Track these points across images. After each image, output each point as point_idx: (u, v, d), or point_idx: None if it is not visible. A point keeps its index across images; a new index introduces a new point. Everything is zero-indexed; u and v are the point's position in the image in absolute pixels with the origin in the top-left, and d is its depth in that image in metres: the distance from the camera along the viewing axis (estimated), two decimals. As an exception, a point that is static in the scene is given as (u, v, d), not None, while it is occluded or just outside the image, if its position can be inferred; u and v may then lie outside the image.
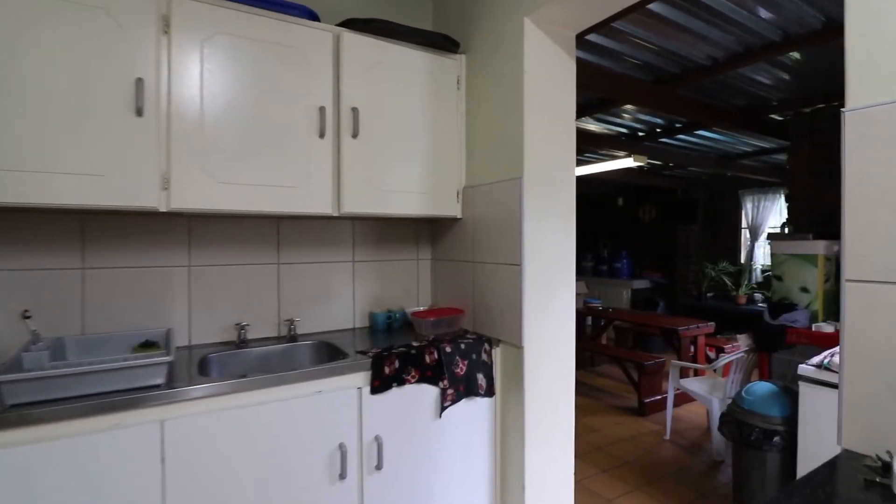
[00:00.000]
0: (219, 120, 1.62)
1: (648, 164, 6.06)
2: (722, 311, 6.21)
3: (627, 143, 4.48)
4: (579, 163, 5.08)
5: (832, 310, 3.28)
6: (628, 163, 4.58)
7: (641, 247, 7.87)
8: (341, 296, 2.21)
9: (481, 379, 1.88)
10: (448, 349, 1.81)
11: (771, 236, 3.44)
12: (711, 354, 5.22)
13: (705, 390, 3.65)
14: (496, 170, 1.96)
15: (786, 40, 2.51)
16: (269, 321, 2.03)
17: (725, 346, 5.22)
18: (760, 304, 5.90)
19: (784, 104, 3.50)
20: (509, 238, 1.86)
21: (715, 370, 3.83)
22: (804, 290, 3.22)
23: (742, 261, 6.47)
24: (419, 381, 1.74)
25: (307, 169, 1.77)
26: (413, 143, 2.02)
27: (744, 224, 6.49)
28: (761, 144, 4.84)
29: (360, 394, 1.63)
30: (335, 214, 1.85)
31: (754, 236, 6.23)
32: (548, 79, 1.87)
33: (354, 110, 1.86)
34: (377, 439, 1.65)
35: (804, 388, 2.41)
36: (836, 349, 2.40)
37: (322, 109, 1.80)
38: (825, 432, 2.31)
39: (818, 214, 3.50)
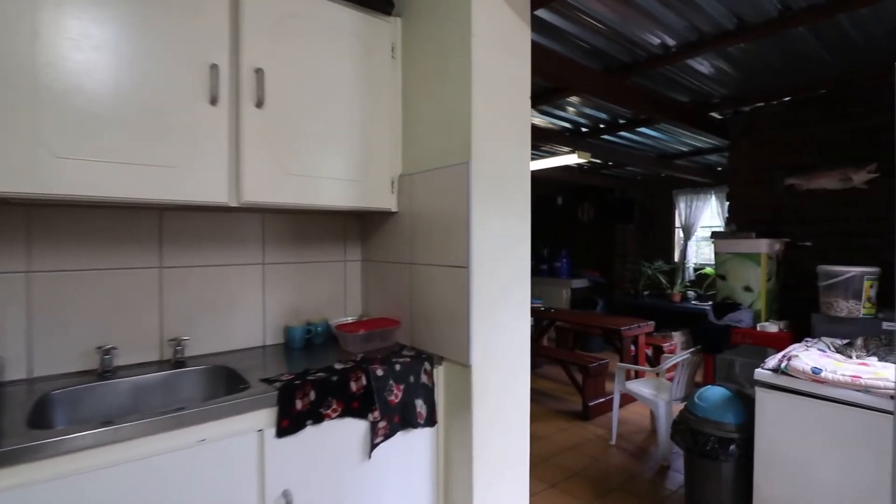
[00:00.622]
0: (66, 74, 1.17)
1: (589, 162, 6.01)
2: (658, 309, 6.29)
3: (571, 139, 4.34)
4: None
5: (774, 308, 3.26)
6: (572, 159, 4.43)
7: (580, 246, 7.89)
8: (247, 307, 1.79)
9: (420, 406, 1.55)
10: (380, 372, 1.46)
11: (715, 235, 3.37)
12: (648, 352, 5.23)
13: (651, 393, 3.54)
14: (439, 154, 1.63)
15: (739, 28, 2.40)
16: (148, 342, 1.58)
17: (664, 345, 5.26)
18: (694, 302, 6.03)
19: (725, 102, 3.46)
20: (454, 235, 1.54)
21: (658, 374, 3.74)
22: (747, 289, 3.17)
23: (676, 259, 6.60)
24: (343, 414, 1.38)
25: (192, 144, 1.35)
26: (337, 118, 1.65)
27: (677, 223, 6.63)
28: (697, 144, 4.89)
29: (261, 438, 1.24)
30: (233, 204, 1.44)
31: (687, 235, 6.37)
32: (499, 47, 1.57)
33: (259, 72, 1.46)
34: (286, 496, 1.27)
35: (761, 394, 2.30)
36: (792, 351, 2.32)
37: (214, 68, 1.39)
38: (782, 439, 2.21)
39: (758, 213, 3.49)
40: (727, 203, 3.74)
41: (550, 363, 5.48)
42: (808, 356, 2.18)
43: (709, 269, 6.07)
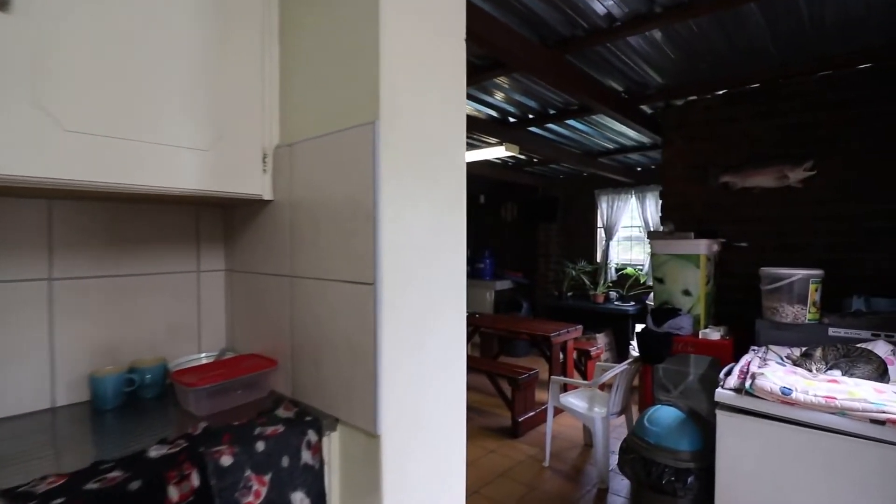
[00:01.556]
0: None
1: (514, 158, 5.70)
2: (582, 311, 6.15)
3: (498, 129, 3.96)
4: None
5: (712, 313, 3.07)
6: (500, 152, 4.04)
7: (504, 246, 7.63)
8: (22, 347, 1.11)
9: (301, 499, 0.99)
10: (226, 460, 0.88)
11: (651, 235, 3.12)
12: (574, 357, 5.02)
13: (586, 407, 3.23)
14: (333, 112, 1.08)
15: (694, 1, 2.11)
16: None
17: (590, 349, 5.08)
18: (617, 303, 5.95)
19: (660, 93, 3.25)
20: (355, 235, 1.01)
21: (591, 386, 3.45)
22: (686, 293, 2.94)
23: (598, 260, 6.52)
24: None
25: None
26: (164, 44, 1.04)
27: (599, 223, 6.56)
28: (622, 141, 4.74)
29: None
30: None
31: (609, 235, 6.31)
32: (421, -47, 1.06)
33: (-5, -57, 0.82)
34: None
35: (722, 418, 2.01)
36: (750, 365, 2.06)
37: None
38: (747, 468, 1.92)
39: (692, 211, 3.30)
40: (660, 201, 3.54)
41: (475, 372, 5.08)
42: (774, 374, 1.91)
43: (630, 269, 6.02)
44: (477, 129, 3.74)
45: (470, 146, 4.52)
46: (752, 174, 3.01)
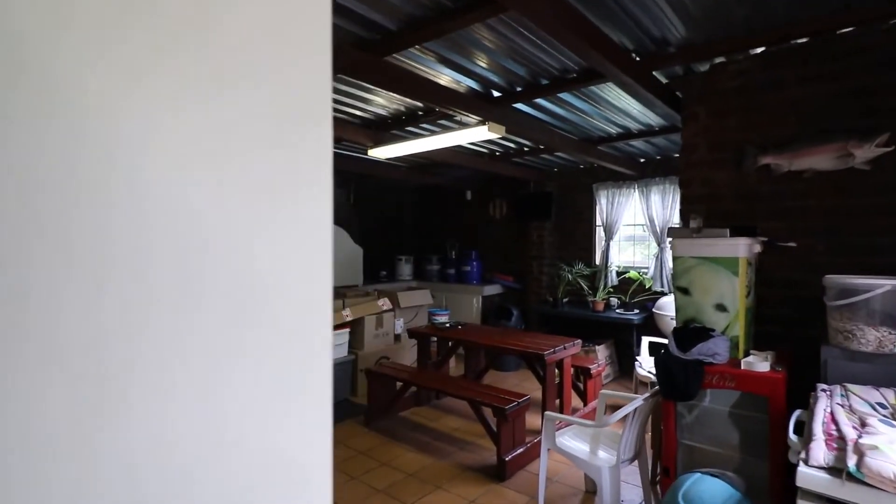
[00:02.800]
0: None
1: (501, 148, 5.01)
2: (580, 320, 5.47)
3: (481, 105, 3.27)
4: (418, 133, 3.72)
5: (751, 334, 2.39)
6: (482, 133, 3.35)
7: (492, 247, 6.94)
8: None
9: None
10: None
11: (674, 232, 2.43)
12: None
13: (588, 452, 2.54)
14: None
15: None
16: None
17: (590, 367, 4.40)
18: (619, 311, 5.27)
19: (681, 52, 2.57)
20: None
21: (608, 426, 2.76)
22: (720, 307, 2.26)
23: (597, 262, 5.85)
24: None
25: None
26: None
27: (598, 221, 5.89)
28: (625, 124, 4.07)
29: None
30: None
31: (609, 235, 5.64)
32: None
33: None
34: None
35: (808, 513, 1.33)
36: (830, 417, 1.39)
37: None
38: None
39: (719, 203, 2.62)
40: (679, 192, 2.85)
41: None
42: (893, 447, 1.22)
43: (633, 273, 5.35)
44: (455, 104, 3.04)
45: (446, 128, 3.82)
46: (804, 153, 2.34)
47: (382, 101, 3.53)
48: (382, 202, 7.49)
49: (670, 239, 2.48)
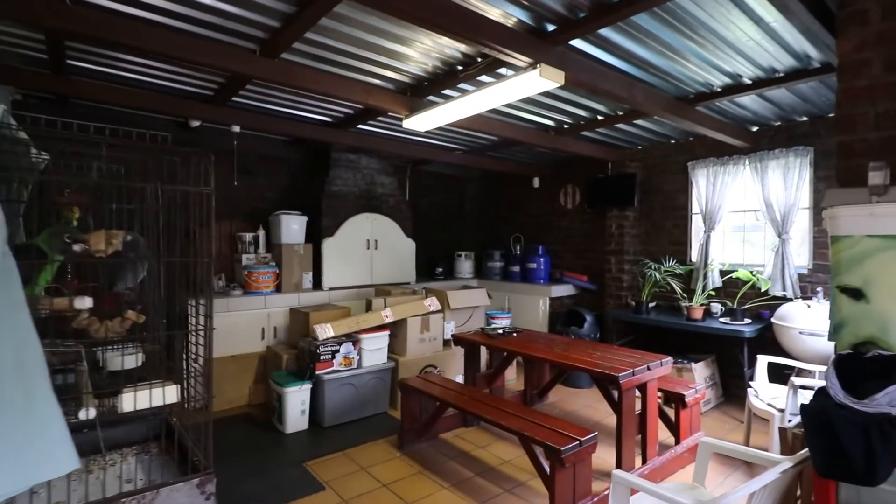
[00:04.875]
0: None
1: (569, 119, 4.12)
2: (670, 330, 4.41)
3: (531, 44, 2.47)
4: (448, 81, 2.95)
5: None
6: (534, 82, 2.54)
7: (562, 241, 6.01)
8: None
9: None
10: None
11: (834, 197, 1.48)
12: (660, 400, 3.34)
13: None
14: None
15: None
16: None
17: (684, 393, 3.39)
18: (723, 320, 4.15)
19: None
20: None
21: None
22: (928, 321, 1.27)
23: (694, 259, 4.73)
24: None
25: None
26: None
27: (695, 209, 4.76)
28: (733, 68, 3.02)
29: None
30: None
31: (710, 224, 4.51)
32: None
33: None
34: None
35: None
36: None
37: None
38: None
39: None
40: (838, 140, 1.85)
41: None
42: None
43: (742, 273, 4.20)
44: (496, 39, 2.28)
45: (486, 82, 3.03)
46: None
47: (417, 56, 2.86)
48: (439, 191, 6.84)
49: (827, 209, 1.53)
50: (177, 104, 3.55)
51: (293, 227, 4.76)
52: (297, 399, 3.62)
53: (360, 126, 4.34)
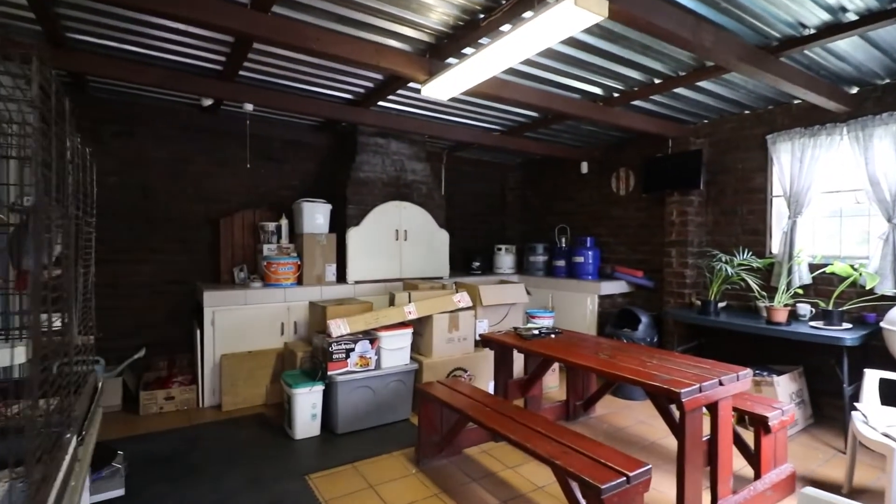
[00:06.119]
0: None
1: (619, 84, 3.51)
2: (745, 335, 3.69)
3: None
4: (469, 35, 2.44)
5: None
6: (568, 14, 2.01)
7: (614, 232, 5.35)
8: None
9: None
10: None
11: None
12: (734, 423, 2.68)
13: None
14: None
15: None
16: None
17: (767, 416, 2.71)
18: (813, 324, 3.40)
19: None
20: None
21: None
22: None
23: (775, 251, 3.97)
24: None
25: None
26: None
27: (777, 191, 4.00)
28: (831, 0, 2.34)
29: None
30: None
31: (796, 209, 3.74)
32: None
33: None
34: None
35: None
36: None
37: None
38: None
39: None
40: None
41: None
42: None
43: (839, 267, 3.42)
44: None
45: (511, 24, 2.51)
46: None
47: (431, 2, 2.41)
48: (478, 179, 6.35)
49: None
50: (185, 79, 3.29)
51: (316, 215, 4.44)
52: (307, 402, 3.27)
53: (382, 104, 3.95)
